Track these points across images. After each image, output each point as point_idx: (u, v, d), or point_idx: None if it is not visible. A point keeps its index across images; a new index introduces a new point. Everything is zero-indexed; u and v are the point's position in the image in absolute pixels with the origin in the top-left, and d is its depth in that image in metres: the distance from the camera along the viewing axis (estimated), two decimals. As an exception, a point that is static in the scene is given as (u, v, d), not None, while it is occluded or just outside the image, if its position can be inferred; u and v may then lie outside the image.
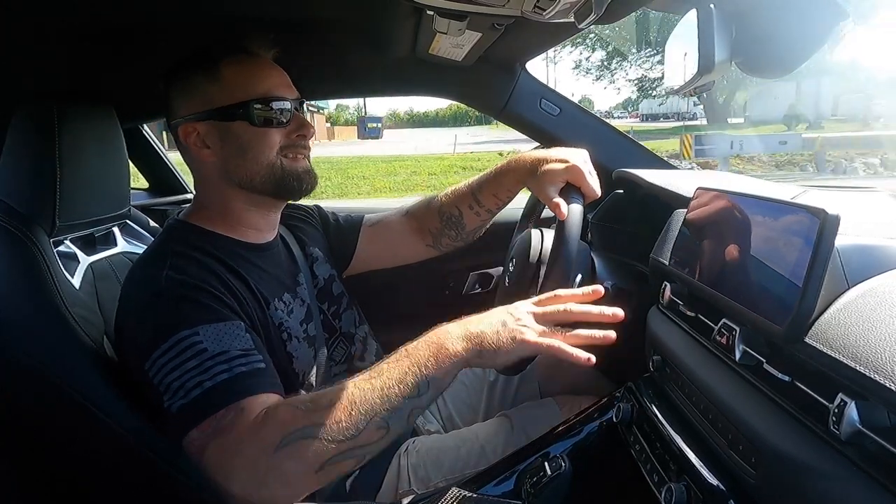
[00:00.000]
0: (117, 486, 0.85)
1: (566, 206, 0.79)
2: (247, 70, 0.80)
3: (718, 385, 0.59)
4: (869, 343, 0.42)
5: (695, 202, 0.72)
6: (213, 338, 0.67)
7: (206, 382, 0.64)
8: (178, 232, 0.82)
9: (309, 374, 0.83)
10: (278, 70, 0.83)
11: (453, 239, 1.05)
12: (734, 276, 0.59)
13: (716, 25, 0.61)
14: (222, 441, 0.61)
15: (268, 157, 0.80)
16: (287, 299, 0.84)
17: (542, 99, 1.31)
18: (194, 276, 0.72)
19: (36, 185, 0.87)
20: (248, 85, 0.79)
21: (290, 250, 0.93)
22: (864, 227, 0.57)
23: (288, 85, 0.82)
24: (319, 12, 0.92)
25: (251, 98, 0.78)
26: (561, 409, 1.01)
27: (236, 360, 0.66)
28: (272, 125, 0.79)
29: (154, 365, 0.66)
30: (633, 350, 0.82)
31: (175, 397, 0.65)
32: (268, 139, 0.80)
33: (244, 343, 0.68)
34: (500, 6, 0.74)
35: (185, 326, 0.67)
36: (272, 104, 0.79)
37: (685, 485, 0.59)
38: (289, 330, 0.81)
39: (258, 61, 0.82)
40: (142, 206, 1.42)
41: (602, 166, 0.99)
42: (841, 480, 0.42)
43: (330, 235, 1.05)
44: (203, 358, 0.65)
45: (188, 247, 0.77)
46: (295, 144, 0.82)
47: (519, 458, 0.79)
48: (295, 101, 0.82)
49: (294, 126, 0.81)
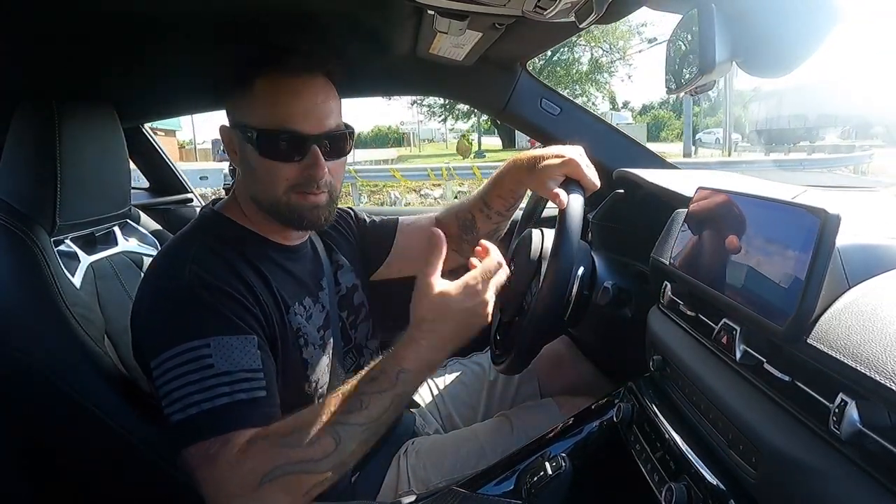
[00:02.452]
0: (118, 484, 0.85)
1: (566, 195, 0.80)
2: (274, 93, 0.75)
3: (719, 385, 0.59)
4: (869, 343, 0.42)
5: (695, 202, 0.72)
6: (222, 353, 0.67)
7: (205, 404, 0.64)
8: (210, 222, 0.82)
9: (322, 383, 0.83)
10: (311, 97, 0.76)
11: (471, 244, 1.05)
12: (735, 276, 0.59)
13: (716, 25, 0.61)
14: (208, 473, 0.63)
15: (274, 190, 0.76)
16: (308, 304, 0.84)
17: (542, 99, 1.31)
18: (217, 275, 0.72)
19: (36, 185, 0.87)
20: (269, 110, 0.74)
21: (317, 254, 0.93)
22: (865, 227, 0.57)
23: (317, 117, 0.75)
24: (320, 12, 0.92)
25: (263, 126, 0.74)
26: (561, 409, 1.01)
27: (239, 385, 0.66)
28: (278, 159, 0.75)
29: (161, 366, 0.67)
30: (633, 350, 0.82)
31: (173, 408, 0.65)
32: (275, 172, 0.75)
33: (252, 362, 0.68)
34: (501, 6, 0.74)
35: (197, 335, 0.67)
36: (284, 137, 0.74)
37: (685, 484, 0.59)
38: (306, 336, 0.81)
39: (290, 84, 0.75)
40: (142, 206, 1.42)
41: (602, 166, 0.99)
42: (841, 480, 0.42)
43: (366, 236, 1.04)
44: (207, 374, 0.65)
45: (217, 240, 0.77)
46: (306, 182, 0.76)
47: (519, 458, 0.79)
48: (320, 136, 0.76)
49: (307, 163, 0.75)
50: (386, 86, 1.49)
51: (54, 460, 0.82)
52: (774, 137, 20.99)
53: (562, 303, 0.80)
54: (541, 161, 0.87)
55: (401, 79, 1.39)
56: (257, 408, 0.67)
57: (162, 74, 1.13)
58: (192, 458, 0.64)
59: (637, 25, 20.02)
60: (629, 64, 21.46)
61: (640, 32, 20.77)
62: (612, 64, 21.06)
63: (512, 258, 0.98)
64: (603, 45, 19.14)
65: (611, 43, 19.76)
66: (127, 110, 1.08)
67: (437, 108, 26.12)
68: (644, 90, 69.06)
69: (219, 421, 0.64)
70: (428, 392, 1.14)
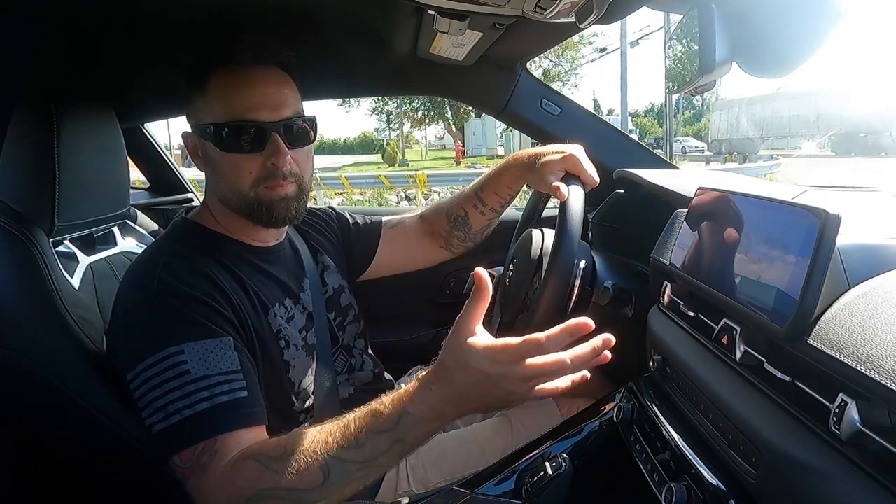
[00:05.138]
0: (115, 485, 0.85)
1: (566, 188, 0.81)
2: (227, 87, 0.75)
3: (719, 385, 0.59)
4: (870, 343, 0.42)
5: (696, 202, 0.72)
6: (198, 358, 0.66)
7: (186, 411, 0.64)
8: (180, 230, 0.82)
9: (304, 383, 0.83)
10: (263, 86, 0.75)
11: (462, 240, 1.07)
12: (735, 276, 0.59)
13: (717, 25, 0.61)
14: (198, 482, 0.63)
15: (239, 185, 0.76)
16: (288, 305, 0.84)
17: (542, 98, 1.31)
18: (186, 281, 0.71)
19: (35, 185, 0.87)
20: (223, 104, 0.74)
21: (297, 255, 0.92)
22: (865, 227, 0.57)
23: (272, 106, 0.74)
24: (320, 12, 0.92)
25: (220, 121, 0.74)
26: (561, 409, 1.01)
27: (218, 388, 0.66)
28: (241, 151, 0.74)
29: (138, 377, 0.66)
30: (633, 350, 0.82)
31: (155, 418, 0.65)
32: (237, 166, 0.75)
33: (230, 364, 0.68)
34: (502, 6, 0.74)
35: (171, 343, 0.66)
36: (241, 128, 0.73)
37: (685, 485, 0.59)
38: (287, 337, 0.81)
39: (244, 76, 0.75)
40: (142, 206, 1.41)
41: (603, 166, 0.99)
42: (841, 480, 0.42)
43: (350, 239, 1.04)
44: (185, 380, 0.65)
45: (187, 246, 0.77)
46: (271, 173, 0.75)
47: (519, 458, 0.79)
48: (277, 123, 0.75)
49: (268, 152, 0.74)
50: (386, 86, 1.49)
51: (52, 460, 0.82)
52: (735, 146, 21.88)
53: (565, 294, 0.80)
54: (541, 157, 0.89)
55: (401, 79, 1.39)
56: (240, 408, 0.66)
57: (160, 75, 1.13)
58: (180, 466, 0.63)
59: (588, 35, 20.52)
60: (576, 73, 22.59)
61: (591, 42, 21.49)
62: (566, 74, 21.82)
63: (512, 259, 0.98)
64: (550, 57, 19.64)
65: (558, 54, 20.25)
66: (126, 111, 1.08)
67: (394, 116, 26.76)
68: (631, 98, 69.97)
69: (202, 426, 0.64)
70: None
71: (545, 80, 24.98)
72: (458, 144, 22.91)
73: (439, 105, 22.31)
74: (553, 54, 20.26)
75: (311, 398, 0.83)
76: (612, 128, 1.37)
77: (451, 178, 11.75)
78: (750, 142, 22.26)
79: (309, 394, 0.83)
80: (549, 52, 20.45)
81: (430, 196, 10.73)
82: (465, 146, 23.94)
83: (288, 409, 0.81)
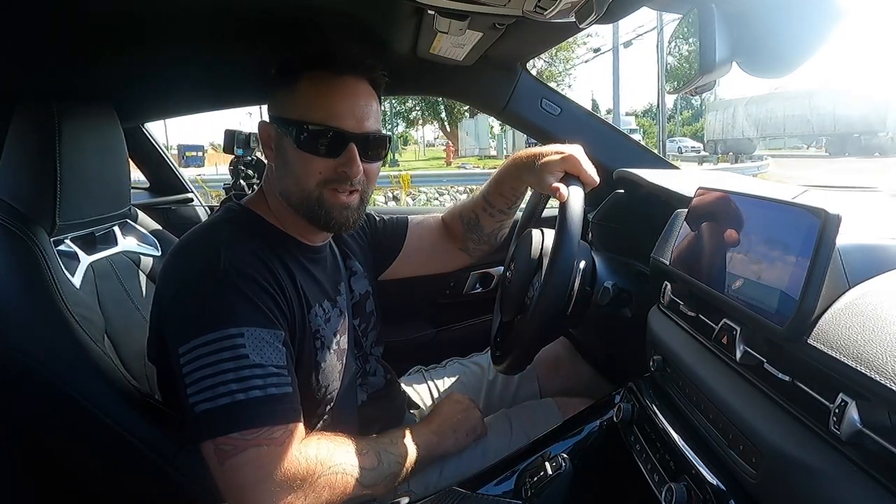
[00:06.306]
0: (117, 484, 0.85)
1: (566, 188, 0.81)
2: (318, 90, 0.77)
3: (719, 385, 0.59)
4: (870, 343, 0.42)
5: (696, 202, 0.72)
6: (256, 345, 0.67)
7: (239, 395, 0.64)
8: (237, 215, 0.82)
9: (331, 388, 0.83)
10: (354, 97, 0.78)
11: (476, 242, 1.08)
12: (735, 276, 0.59)
13: (717, 25, 0.61)
14: (258, 462, 0.64)
15: (306, 183, 0.77)
16: (327, 307, 0.84)
17: (542, 98, 1.31)
18: (253, 265, 0.72)
19: (36, 185, 0.87)
20: (311, 106, 0.76)
21: (335, 258, 0.93)
22: (865, 227, 0.57)
23: (358, 117, 0.77)
24: (320, 11, 0.92)
25: (305, 120, 0.75)
26: (561, 409, 1.01)
27: (271, 378, 0.67)
28: (316, 153, 0.76)
29: (191, 352, 0.66)
30: (633, 350, 0.82)
31: (201, 396, 0.65)
32: (308, 165, 0.76)
33: (280, 359, 0.69)
34: (502, 6, 0.74)
35: (233, 323, 0.67)
36: (323, 133, 0.75)
37: (685, 485, 0.59)
38: (323, 338, 0.81)
39: (336, 83, 0.77)
40: (142, 206, 1.42)
41: (603, 166, 0.99)
42: (841, 480, 0.42)
43: (378, 237, 1.05)
44: (241, 364, 0.65)
45: (246, 232, 0.77)
46: (339, 179, 0.77)
47: (519, 458, 0.79)
48: (358, 135, 0.77)
49: (343, 160, 0.76)
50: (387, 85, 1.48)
51: (54, 460, 0.82)
52: (731, 147, 22.02)
53: (565, 294, 0.80)
54: (540, 158, 0.90)
55: (401, 79, 1.38)
56: (286, 404, 0.67)
57: (161, 74, 1.13)
58: (224, 448, 0.64)
59: (582, 36, 20.56)
60: (569, 74, 22.53)
61: (586, 42, 21.49)
62: (560, 75, 21.86)
63: (512, 259, 0.98)
64: (544, 57, 19.72)
65: (552, 55, 20.36)
66: (127, 110, 1.08)
67: (389, 117, 26.82)
68: (629, 98, 69.81)
69: (257, 415, 0.64)
70: (428, 392, 1.14)
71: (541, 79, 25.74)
72: (449, 145, 23.09)
73: (433, 105, 22.35)
74: (547, 54, 20.46)
75: (332, 403, 0.83)
76: (612, 128, 1.37)
77: (436, 178, 11.86)
78: (746, 142, 22.48)
79: (332, 398, 0.83)
80: (544, 53, 20.70)
81: (417, 197, 10.76)
82: (458, 146, 24.15)
83: (310, 411, 0.80)
